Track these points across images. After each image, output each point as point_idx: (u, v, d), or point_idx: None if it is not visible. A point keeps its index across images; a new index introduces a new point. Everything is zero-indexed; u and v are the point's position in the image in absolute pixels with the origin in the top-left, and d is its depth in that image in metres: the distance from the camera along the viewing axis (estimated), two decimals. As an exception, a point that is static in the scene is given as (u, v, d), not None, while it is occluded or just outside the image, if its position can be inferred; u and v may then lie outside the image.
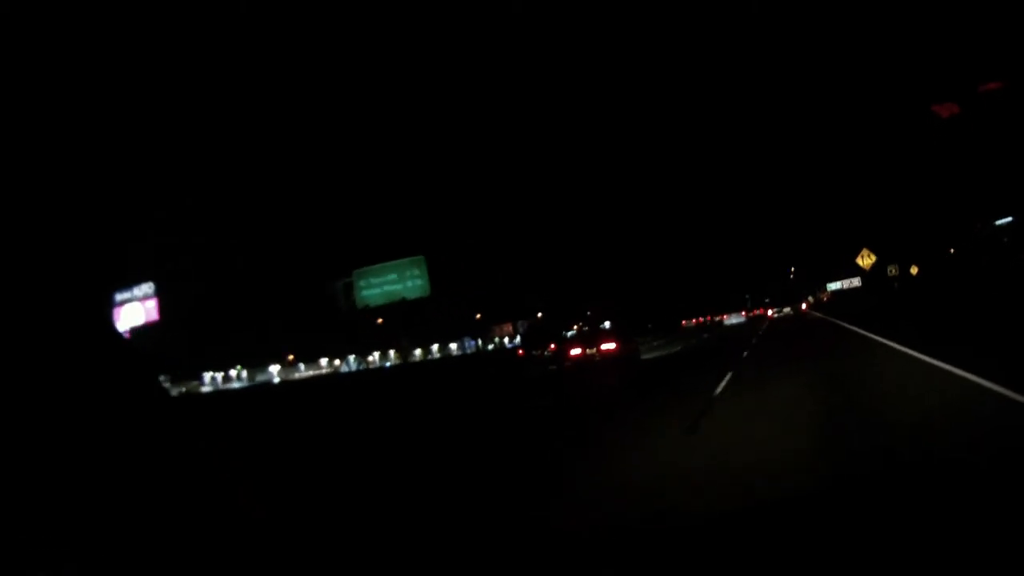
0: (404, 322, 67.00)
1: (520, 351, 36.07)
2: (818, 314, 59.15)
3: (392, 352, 78.52)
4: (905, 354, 13.16)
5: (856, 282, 76.07)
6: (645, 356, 31.68)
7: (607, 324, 47.46)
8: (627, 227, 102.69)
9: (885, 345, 15.73)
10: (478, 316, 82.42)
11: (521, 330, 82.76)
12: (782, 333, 33.15)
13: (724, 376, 14.80)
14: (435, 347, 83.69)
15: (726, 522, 2.29)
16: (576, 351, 27.52)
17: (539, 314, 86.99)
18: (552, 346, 29.43)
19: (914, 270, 37.74)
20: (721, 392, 12.46)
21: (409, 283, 51.77)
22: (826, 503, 2.23)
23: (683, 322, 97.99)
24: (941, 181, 52.40)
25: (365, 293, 52.62)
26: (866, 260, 36.31)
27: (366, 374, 57.45)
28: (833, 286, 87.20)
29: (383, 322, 66.50)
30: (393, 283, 52.09)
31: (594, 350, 26.92)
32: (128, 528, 1.69)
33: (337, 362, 76.50)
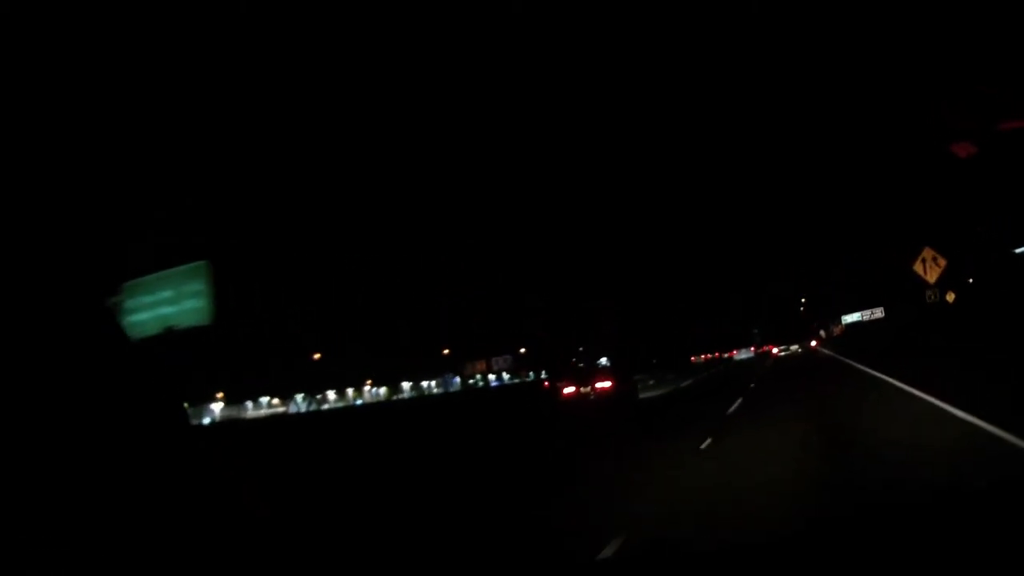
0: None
1: (546, 383, 37.86)
2: (827, 351, 55.75)
3: (350, 391, 74.23)
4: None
5: (878, 312, 69.82)
6: (645, 395, 31.01)
7: (604, 360, 44.98)
8: (635, 259, 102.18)
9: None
10: (446, 352, 79.19)
11: (496, 367, 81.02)
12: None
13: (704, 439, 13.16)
14: (406, 385, 79.90)
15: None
16: (569, 389, 26.51)
17: (521, 349, 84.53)
18: (598, 375, 28.62)
19: (950, 297, 34.14)
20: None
21: (188, 303, 33.66)
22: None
23: (692, 358, 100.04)
24: (960, 208, 50.94)
25: (135, 317, 33.64)
26: (931, 268, 24.67)
27: (330, 415, 52.86)
28: (849, 318, 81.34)
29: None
30: (167, 303, 34.55)
31: (588, 388, 26.19)
32: (129, 527, 1.79)
33: (297, 399, 71.61)
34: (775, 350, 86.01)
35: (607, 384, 26.02)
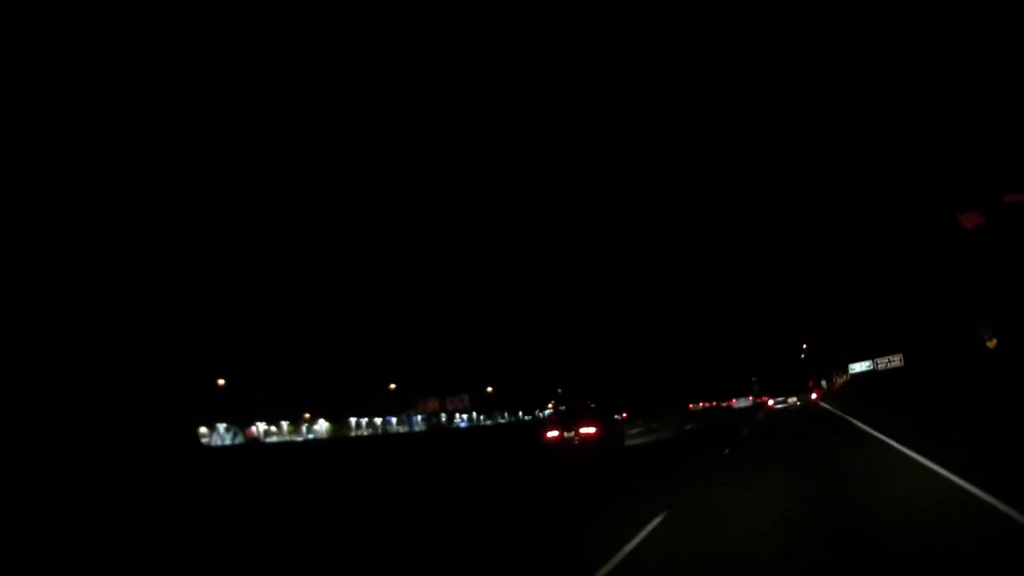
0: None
1: (554, 418, 39.85)
2: (825, 405, 51.58)
3: (286, 423, 68.41)
4: None
5: (896, 360, 62.35)
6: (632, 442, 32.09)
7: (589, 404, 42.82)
8: (635, 259, 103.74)
9: None
10: (392, 386, 75.64)
11: (451, 406, 78.37)
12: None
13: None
14: (359, 421, 75.00)
15: None
16: (553, 433, 26.66)
17: (488, 388, 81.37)
18: (583, 419, 29.11)
19: (992, 343, 30.74)
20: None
21: None
22: None
23: (690, 405, 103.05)
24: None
25: None
26: None
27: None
28: (858, 367, 74.17)
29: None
30: None
31: (572, 433, 26.42)
32: (130, 527, 2.79)
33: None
34: (771, 402, 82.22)
35: (592, 430, 26.27)
